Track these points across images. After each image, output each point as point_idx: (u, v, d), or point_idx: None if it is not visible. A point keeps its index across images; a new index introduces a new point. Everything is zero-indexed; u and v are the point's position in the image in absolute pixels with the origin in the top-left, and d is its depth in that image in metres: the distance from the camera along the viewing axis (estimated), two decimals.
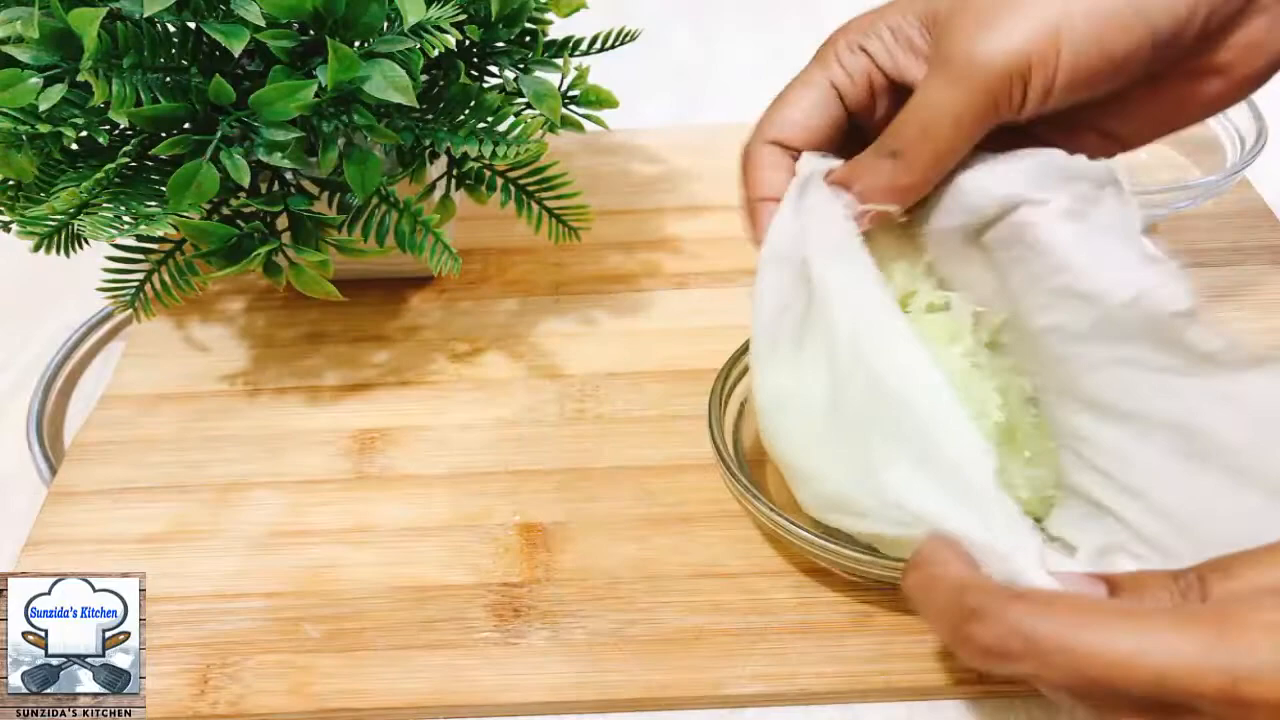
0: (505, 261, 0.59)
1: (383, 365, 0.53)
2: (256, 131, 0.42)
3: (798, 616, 0.41)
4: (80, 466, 0.48)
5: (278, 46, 0.42)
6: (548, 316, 0.56)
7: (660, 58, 0.66)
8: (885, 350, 0.35)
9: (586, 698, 0.39)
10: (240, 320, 0.56)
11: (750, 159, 0.40)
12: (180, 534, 0.45)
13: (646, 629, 0.41)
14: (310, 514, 0.46)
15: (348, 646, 0.41)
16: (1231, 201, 0.59)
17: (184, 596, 0.43)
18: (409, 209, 0.45)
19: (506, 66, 0.49)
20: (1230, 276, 0.55)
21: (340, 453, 0.49)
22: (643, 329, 0.54)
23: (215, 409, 0.51)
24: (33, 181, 0.43)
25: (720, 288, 0.56)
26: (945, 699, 0.39)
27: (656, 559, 0.43)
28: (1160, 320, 0.33)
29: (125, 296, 0.46)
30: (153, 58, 0.42)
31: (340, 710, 0.39)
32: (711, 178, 0.63)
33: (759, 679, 0.39)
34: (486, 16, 0.47)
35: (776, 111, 0.40)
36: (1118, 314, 0.34)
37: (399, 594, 0.43)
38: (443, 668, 0.40)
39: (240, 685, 0.40)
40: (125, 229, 0.42)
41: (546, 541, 0.44)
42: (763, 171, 0.40)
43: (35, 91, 0.40)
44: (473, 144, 0.44)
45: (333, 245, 0.45)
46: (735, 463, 0.42)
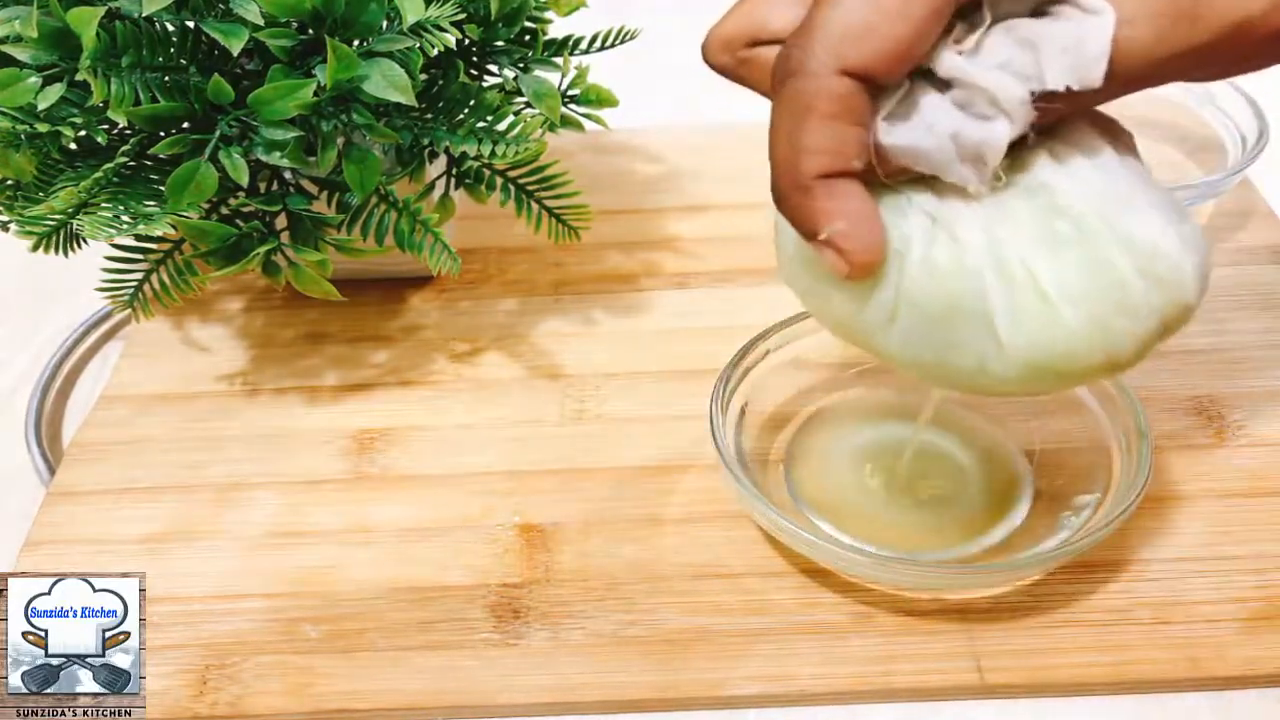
0: (505, 261, 0.59)
1: (382, 365, 0.53)
2: (255, 131, 0.42)
3: (798, 617, 0.41)
4: (79, 466, 0.48)
5: (277, 46, 0.42)
6: (548, 316, 0.55)
7: (660, 58, 0.66)
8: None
9: (586, 698, 0.39)
10: (239, 320, 0.56)
11: (822, 101, 0.28)
12: (180, 534, 0.45)
13: (646, 629, 0.41)
14: (310, 514, 0.46)
15: (347, 647, 0.41)
16: (1231, 201, 0.59)
17: (184, 596, 0.43)
18: (408, 208, 0.45)
19: (506, 66, 0.49)
20: (1230, 276, 0.55)
21: (340, 453, 0.49)
22: (643, 329, 0.54)
23: (214, 409, 0.51)
24: (31, 181, 0.43)
25: (720, 288, 0.56)
26: (946, 700, 0.39)
27: (656, 559, 0.43)
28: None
29: (124, 296, 0.46)
30: (151, 57, 0.41)
31: (340, 711, 0.39)
32: (712, 177, 0.63)
33: (759, 680, 0.39)
34: (486, 15, 0.47)
35: (855, 14, 0.27)
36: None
37: (398, 594, 0.43)
38: (442, 668, 0.40)
39: (239, 686, 0.40)
40: (124, 229, 0.42)
41: (546, 542, 0.44)
42: (840, 128, 0.28)
43: (34, 91, 0.40)
44: (472, 143, 0.44)
45: (332, 245, 0.45)
46: (738, 464, 0.42)
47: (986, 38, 0.29)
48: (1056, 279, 0.30)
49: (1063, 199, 0.30)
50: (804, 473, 0.46)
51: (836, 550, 0.39)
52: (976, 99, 0.28)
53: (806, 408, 0.48)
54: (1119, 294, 0.30)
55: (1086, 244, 0.30)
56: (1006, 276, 0.30)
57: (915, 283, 0.31)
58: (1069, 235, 0.30)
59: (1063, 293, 0.30)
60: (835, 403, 0.48)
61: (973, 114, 0.29)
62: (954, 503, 0.44)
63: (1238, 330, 0.52)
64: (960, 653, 0.39)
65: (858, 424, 0.48)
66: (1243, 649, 0.39)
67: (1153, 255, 0.30)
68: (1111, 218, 0.30)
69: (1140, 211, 0.30)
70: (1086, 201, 0.30)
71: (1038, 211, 0.30)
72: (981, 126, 0.29)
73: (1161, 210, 0.30)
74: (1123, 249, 0.30)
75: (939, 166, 0.29)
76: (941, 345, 0.31)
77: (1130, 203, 0.30)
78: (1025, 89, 0.28)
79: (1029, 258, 0.30)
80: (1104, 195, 0.30)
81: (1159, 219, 0.30)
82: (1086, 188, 0.30)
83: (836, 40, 0.27)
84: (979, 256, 0.30)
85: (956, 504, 0.44)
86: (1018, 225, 0.30)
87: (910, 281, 0.31)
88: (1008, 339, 0.30)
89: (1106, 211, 0.30)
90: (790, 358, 0.47)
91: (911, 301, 0.31)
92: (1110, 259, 0.30)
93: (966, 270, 0.30)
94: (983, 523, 0.43)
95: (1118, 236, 0.30)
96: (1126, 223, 0.30)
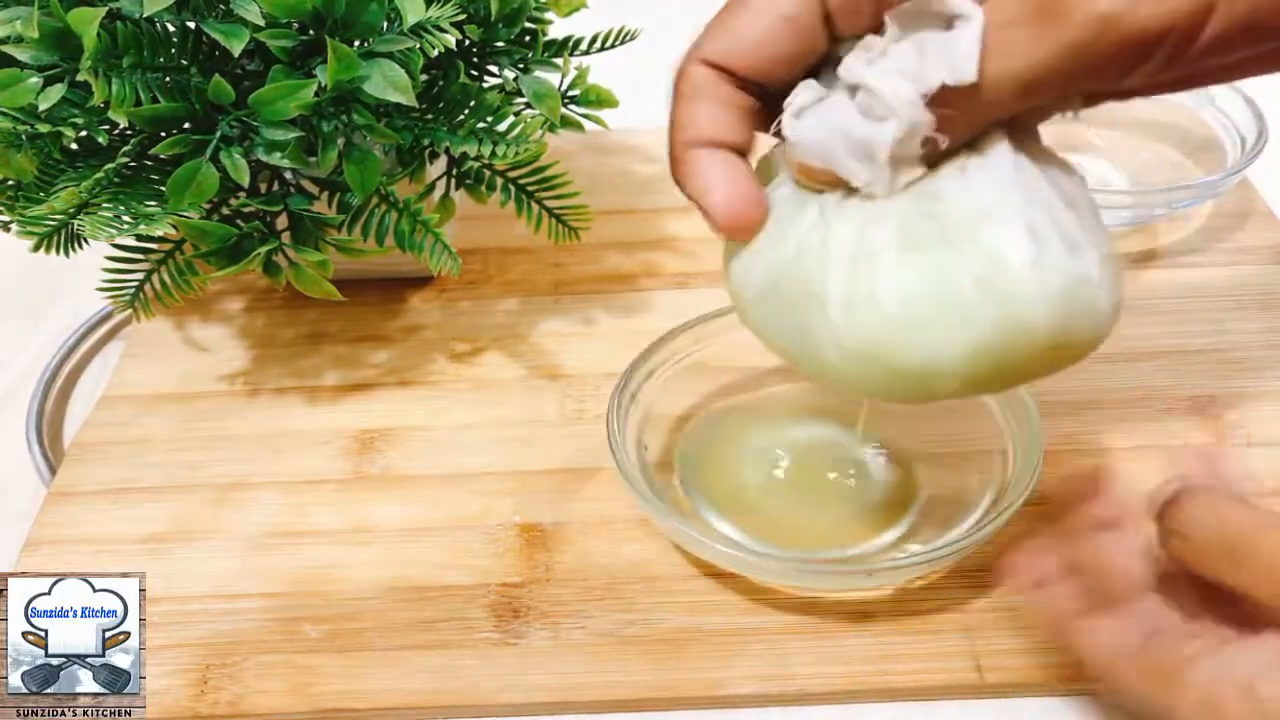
0: (505, 261, 0.59)
1: (383, 365, 0.53)
2: (256, 131, 0.42)
3: (797, 617, 0.41)
4: (80, 466, 0.48)
5: (277, 46, 0.42)
6: (548, 316, 0.55)
7: (660, 58, 0.66)
8: None
9: (586, 698, 0.39)
10: (240, 320, 0.56)
11: (681, 83, 0.32)
12: (180, 534, 0.45)
13: (646, 629, 0.41)
14: (310, 514, 0.46)
15: (347, 646, 0.41)
16: (1231, 201, 0.59)
17: (184, 596, 0.43)
18: (409, 209, 0.45)
19: (506, 66, 0.49)
20: (1229, 276, 0.55)
21: (340, 453, 0.49)
22: (643, 329, 0.54)
23: (215, 409, 0.51)
24: (32, 181, 0.43)
25: (720, 288, 0.56)
26: (944, 699, 0.39)
27: (656, 559, 0.43)
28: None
29: (125, 296, 0.46)
30: (152, 57, 0.42)
31: (340, 710, 0.39)
32: None
33: (758, 679, 0.39)
34: (486, 16, 0.47)
35: (726, 18, 0.31)
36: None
37: (399, 594, 0.43)
38: (442, 668, 0.40)
39: (240, 685, 0.40)
40: (125, 229, 0.42)
41: (546, 541, 0.44)
42: (697, 105, 0.31)
43: (35, 91, 0.40)
44: (472, 144, 0.44)
45: (332, 245, 0.45)
46: (637, 469, 0.42)
47: (894, 47, 0.30)
48: (894, 274, 0.31)
49: (941, 204, 0.31)
50: (702, 474, 0.45)
51: (737, 556, 0.40)
52: (874, 102, 0.30)
53: (709, 408, 0.48)
54: (950, 299, 0.30)
55: (939, 249, 0.30)
56: (855, 266, 0.31)
57: (783, 261, 0.32)
58: (926, 237, 0.31)
59: (895, 288, 0.30)
60: (737, 404, 0.48)
61: (872, 117, 0.30)
62: (851, 502, 0.44)
63: (1237, 330, 0.52)
64: (959, 651, 0.40)
65: (760, 424, 0.47)
66: None
67: (995, 267, 0.30)
68: (976, 227, 0.30)
69: (1007, 225, 0.30)
70: (962, 210, 0.30)
71: (914, 214, 0.31)
72: (870, 125, 0.30)
73: (1041, 230, 0.30)
74: (971, 258, 0.30)
75: (831, 158, 0.31)
76: (798, 330, 0.33)
77: (1004, 217, 0.30)
78: (914, 90, 0.29)
79: (880, 252, 0.31)
80: (983, 207, 0.30)
81: (1023, 236, 0.30)
82: (969, 198, 0.30)
83: (702, 38, 0.32)
84: (841, 245, 0.31)
85: (853, 503, 0.44)
86: (889, 223, 0.31)
87: (781, 260, 0.33)
88: (841, 325, 0.31)
89: (975, 221, 0.30)
90: (695, 361, 0.47)
91: (776, 280, 0.33)
92: (953, 264, 0.30)
93: (828, 255, 0.31)
94: (879, 522, 0.43)
95: (973, 246, 0.30)
96: (986, 234, 0.30)
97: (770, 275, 0.33)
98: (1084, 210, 0.32)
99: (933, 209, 0.31)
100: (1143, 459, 0.46)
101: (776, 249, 0.33)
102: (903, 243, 0.31)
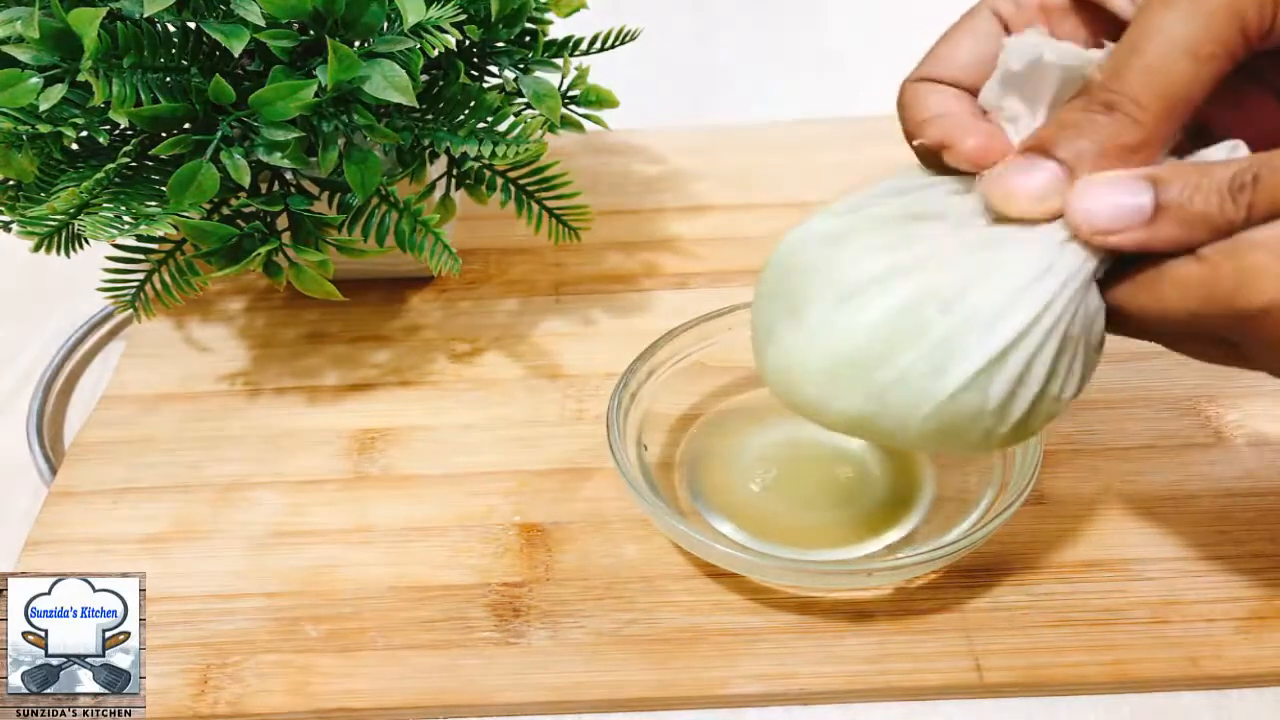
0: (505, 261, 0.59)
1: (383, 365, 0.53)
2: (256, 131, 0.42)
3: (797, 616, 0.41)
4: (80, 466, 0.49)
5: (278, 46, 0.42)
6: (548, 316, 0.56)
7: (660, 58, 0.66)
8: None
9: (586, 698, 0.39)
10: (240, 320, 0.56)
11: (904, 97, 0.35)
12: (180, 534, 0.45)
13: (646, 629, 0.41)
14: (310, 514, 0.46)
15: (347, 646, 0.41)
16: None
17: (184, 596, 0.43)
18: (409, 209, 0.45)
19: (506, 66, 0.49)
20: None
21: (340, 453, 0.49)
22: (643, 329, 0.54)
23: (215, 409, 0.51)
24: (33, 181, 0.43)
25: (720, 288, 0.56)
26: (944, 699, 0.39)
27: (656, 559, 0.43)
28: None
29: (125, 296, 0.46)
30: (153, 58, 0.42)
31: (340, 710, 0.39)
32: (712, 178, 0.63)
33: (758, 678, 0.39)
34: (486, 16, 0.47)
35: (936, 46, 0.35)
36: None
37: (399, 594, 0.43)
38: (442, 667, 0.40)
39: (240, 685, 0.40)
40: (125, 229, 0.42)
41: (546, 541, 0.44)
42: (923, 100, 0.34)
43: (35, 91, 0.40)
44: (472, 144, 0.44)
45: (333, 245, 0.46)
46: (638, 471, 0.42)
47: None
48: (883, 287, 0.31)
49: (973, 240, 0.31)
50: (703, 473, 0.46)
51: (732, 554, 0.40)
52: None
53: (710, 410, 0.48)
54: (911, 326, 0.31)
55: (930, 279, 0.31)
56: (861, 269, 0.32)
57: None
58: (925, 263, 0.31)
59: (878, 300, 0.31)
60: (739, 404, 0.48)
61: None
62: (855, 502, 0.44)
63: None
64: (959, 651, 0.40)
65: (760, 424, 0.47)
66: (1241, 648, 0.39)
67: (970, 317, 0.30)
68: (979, 280, 0.30)
69: (1003, 282, 0.30)
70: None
71: (949, 244, 0.31)
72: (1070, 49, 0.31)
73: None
74: (950, 297, 0.30)
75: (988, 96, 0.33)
76: (788, 302, 0.33)
77: (1006, 276, 0.30)
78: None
79: (881, 265, 0.31)
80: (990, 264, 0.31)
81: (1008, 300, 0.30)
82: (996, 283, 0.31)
83: (912, 73, 0.36)
84: (877, 256, 0.32)
85: (857, 504, 0.44)
86: (918, 245, 0.31)
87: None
88: (817, 320, 0.32)
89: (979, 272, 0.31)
90: (695, 361, 0.47)
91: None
92: (930, 297, 0.31)
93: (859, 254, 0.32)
94: (882, 522, 0.43)
95: (962, 285, 0.30)
96: (982, 285, 0.30)
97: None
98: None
99: (967, 240, 0.31)
100: (1143, 459, 0.46)
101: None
102: (910, 263, 0.31)
